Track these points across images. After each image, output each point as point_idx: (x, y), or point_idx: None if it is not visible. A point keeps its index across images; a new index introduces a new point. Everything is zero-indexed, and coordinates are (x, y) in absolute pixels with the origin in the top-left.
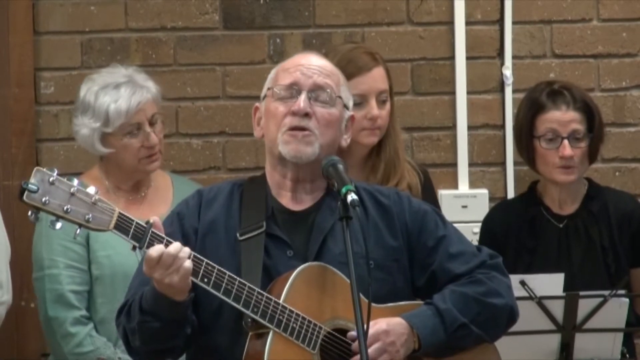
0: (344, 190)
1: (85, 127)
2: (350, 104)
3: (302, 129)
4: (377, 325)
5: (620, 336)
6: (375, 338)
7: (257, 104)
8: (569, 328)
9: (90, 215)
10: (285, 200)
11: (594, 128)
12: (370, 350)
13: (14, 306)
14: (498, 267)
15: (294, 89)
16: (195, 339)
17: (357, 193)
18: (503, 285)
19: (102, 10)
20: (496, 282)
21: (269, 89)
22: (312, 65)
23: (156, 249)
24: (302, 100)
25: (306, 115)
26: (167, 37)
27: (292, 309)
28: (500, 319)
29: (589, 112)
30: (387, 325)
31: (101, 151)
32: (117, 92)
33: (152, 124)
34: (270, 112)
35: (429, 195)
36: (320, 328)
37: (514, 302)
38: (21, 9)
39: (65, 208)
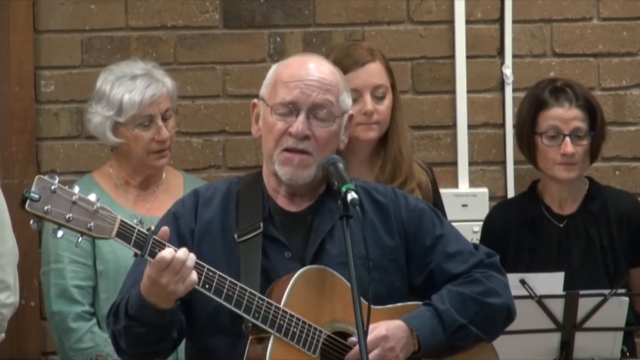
0: (344, 189)
1: (98, 115)
2: (350, 104)
3: (300, 151)
4: (377, 330)
5: (620, 335)
6: (375, 344)
7: (255, 100)
8: (569, 327)
9: (92, 223)
10: (282, 201)
11: (596, 126)
12: (370, 356)
13: None
14: (495, 266)
15: (292, 107)
16: (192, 342)
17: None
18: (500, 284)
19: (103, 8)
20: (494, 281)
21: (268, 104)
22: (311, 79)
23: (168, 251)
24: (300, 123)
25: (305, 137)
26: (168, 35)
27: (293, 314)
28: (498, 318)
29: (591, 110)
30: (387, 330)
31: (112, 140)
32: (133, 83)
33: (165, 119)
34: (268, 124)
35: (437, 194)
36: (321, 332)
37: (511, 301)
38: (21, 8)
39: (67, 217)
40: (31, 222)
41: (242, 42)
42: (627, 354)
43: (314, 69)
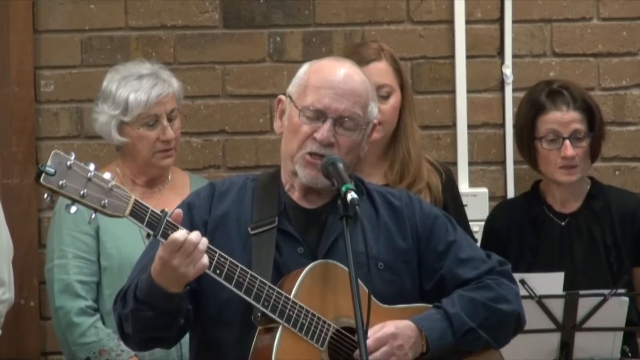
0: (343, 189)
1: (104, 114)
2: (376, 113)
3: (323, 157)
4: (386, 328)
5: (619, 335)
6: (384, 341)
7: (281, 96)
8: (568, 327)
9: (107, 200)
10: (297, 197)
11: (594, 127)
12: (378, 354)
13: (13, 305)
14: (507, 274)
15: (320, 114)
16: (198, 333)
17: (369, 194)
18: (511, 292)
19: (102, 8)
20: (504, 289)
21: (296, 106)
22: (342, 88)
23: (181, 233)
24: (326, 130)
25: (329, 144)
26: (167, 35)
27: (302, 305)
28: (507, 325)
29: (590, 111)
30: (396, 328)
31: (117, 139)
32: (139, 82)
33: (170, 119)
34: (293, 124)
35: (450, 195)
36: (330, 325)
37: (521, 309)
38: (21, 7)
39: (81, 192)
40: (45, 196)
41: (242, 42)
42: (629, 354)
43: (346, 78)
